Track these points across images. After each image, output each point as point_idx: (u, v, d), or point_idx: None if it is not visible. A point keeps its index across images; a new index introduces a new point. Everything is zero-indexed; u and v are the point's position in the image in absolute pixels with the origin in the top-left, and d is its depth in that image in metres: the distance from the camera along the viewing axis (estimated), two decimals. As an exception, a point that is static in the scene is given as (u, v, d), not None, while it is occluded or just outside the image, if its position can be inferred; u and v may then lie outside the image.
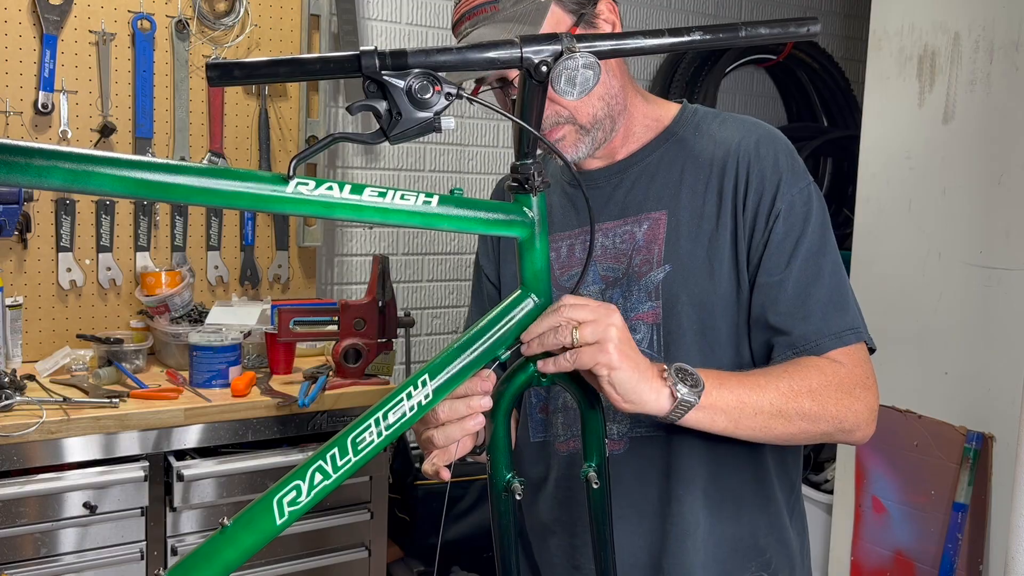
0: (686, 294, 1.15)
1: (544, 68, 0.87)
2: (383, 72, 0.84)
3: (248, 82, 0.90)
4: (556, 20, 1.10)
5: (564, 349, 0.95)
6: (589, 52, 0.88)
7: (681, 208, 1.17)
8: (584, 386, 1.02)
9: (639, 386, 0.96)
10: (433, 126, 0.86)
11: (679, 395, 0.98)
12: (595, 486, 1.03)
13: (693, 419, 1.01)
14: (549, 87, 0.89)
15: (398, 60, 0.84)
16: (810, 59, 3.50)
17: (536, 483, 1.30)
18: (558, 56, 0.87)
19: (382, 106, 0.85)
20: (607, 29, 1.15)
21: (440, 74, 0.86)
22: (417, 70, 0.85)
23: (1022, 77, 1.96)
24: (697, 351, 1.15)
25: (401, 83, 0.84)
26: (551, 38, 0.88)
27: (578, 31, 1.11)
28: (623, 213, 1.21)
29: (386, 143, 0.87)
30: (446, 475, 1.01)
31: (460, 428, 0.99)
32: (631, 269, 1.19)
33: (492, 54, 0.87)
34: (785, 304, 1.12)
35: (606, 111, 1.16)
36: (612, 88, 1.16)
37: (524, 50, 0.87)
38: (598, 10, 1.14)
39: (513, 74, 1.09)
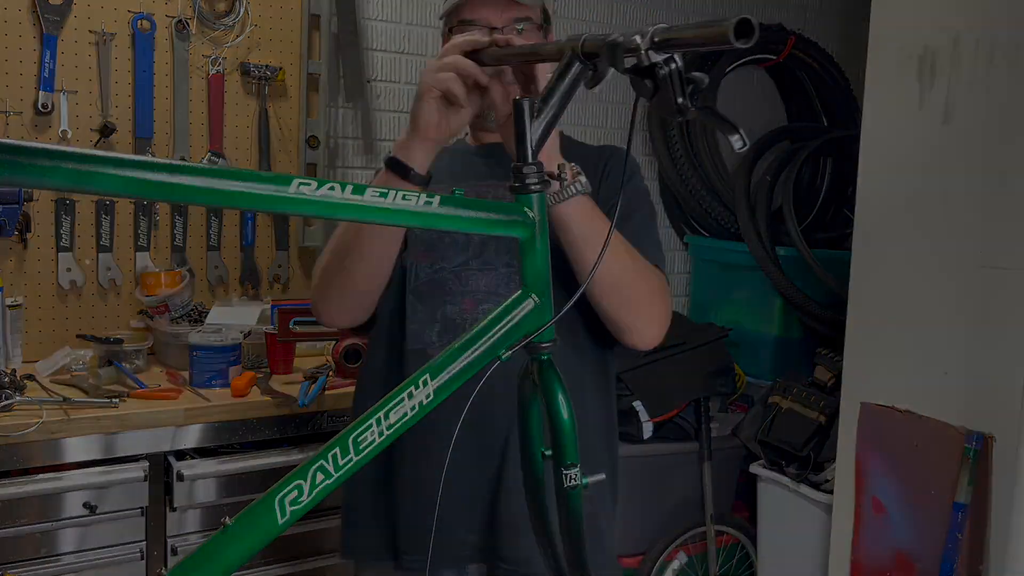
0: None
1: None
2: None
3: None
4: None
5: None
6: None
7: None
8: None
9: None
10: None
11: (578, 183, 1.15)
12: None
13: (573, 204, 1.23)
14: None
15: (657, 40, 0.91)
16: (810, 59, 3.49)
17: None
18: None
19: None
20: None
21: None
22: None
23: (1022, 77, 1.96)
24: (561, 281, 1.30)
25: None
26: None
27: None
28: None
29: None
30: None
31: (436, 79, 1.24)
32: None
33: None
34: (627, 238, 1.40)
35: None
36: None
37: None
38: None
39: None
